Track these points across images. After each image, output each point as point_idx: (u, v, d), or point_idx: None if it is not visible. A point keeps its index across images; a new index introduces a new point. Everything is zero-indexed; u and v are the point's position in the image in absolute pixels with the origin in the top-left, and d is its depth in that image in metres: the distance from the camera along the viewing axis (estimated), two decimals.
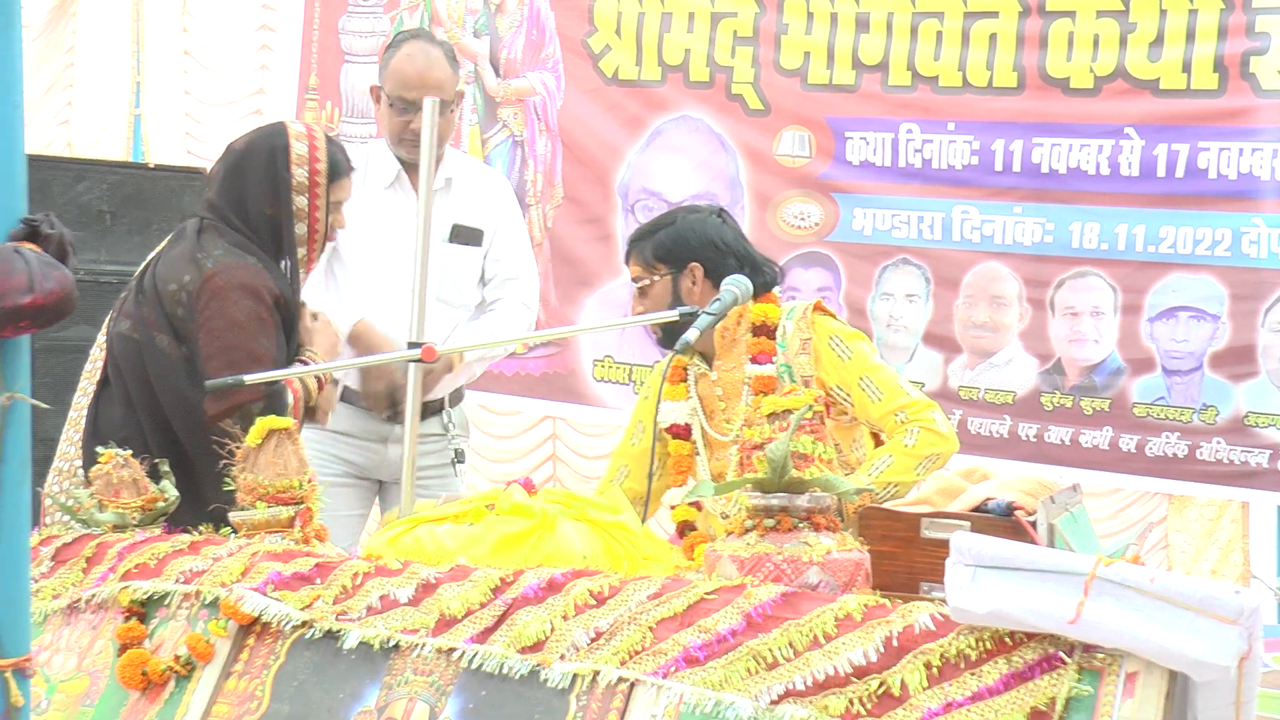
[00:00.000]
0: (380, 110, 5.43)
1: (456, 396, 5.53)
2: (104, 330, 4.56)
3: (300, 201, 4.54)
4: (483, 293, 5.54)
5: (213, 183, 4.61)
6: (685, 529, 4.38)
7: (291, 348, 4.53)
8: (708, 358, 4.49)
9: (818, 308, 4.42)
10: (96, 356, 4.55)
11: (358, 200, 5.02)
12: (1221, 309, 6.15)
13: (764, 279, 4.43)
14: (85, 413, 4.48)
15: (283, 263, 4.54)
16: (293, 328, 4.52)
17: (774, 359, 4.33)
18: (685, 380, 4.51)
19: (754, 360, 4.35)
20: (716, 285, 4.37)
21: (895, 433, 4.22)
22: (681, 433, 4.49)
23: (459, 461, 5.40)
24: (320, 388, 4.56)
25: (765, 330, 4.36)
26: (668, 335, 4.43)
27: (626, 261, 4.60)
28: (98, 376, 4.52)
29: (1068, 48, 6.30)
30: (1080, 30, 6.27)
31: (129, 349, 4.43)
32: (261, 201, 4.52)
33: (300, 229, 4.55)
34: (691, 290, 4.43)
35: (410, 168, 5.41)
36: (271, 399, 4.28)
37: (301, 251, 4.58)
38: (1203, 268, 6.17)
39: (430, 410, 5.37)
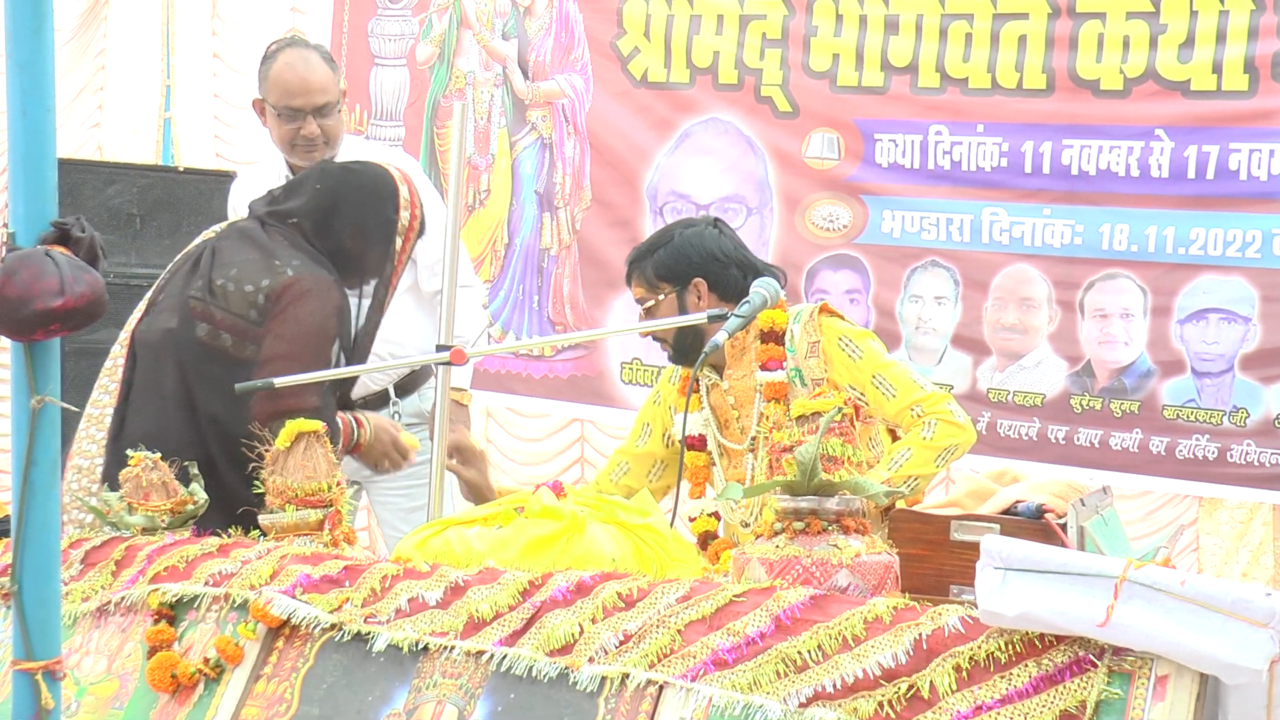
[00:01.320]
0: (268, 121, 5.41)
1: (406, 388, 5.48)
2: (128, 329, 4.56)
3: (396, 244, 4.58)
4: (416, 277, 5.49)
5: (294, 194, 4.62)
6: (706, 540, 4.38)
7: (352, 359, 4.54)
8: (718, 368, 4.49)
9: (824, 309, 4.41)
10: (118, 354, 4.55)
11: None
12: (1252, 311, 6.13)
13: (767, 280, 4.41)
14: (109, 412, 4.47)
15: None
16: (347, 345, 4.53)
17: (784, 364, 4.32)
18: (697, 392, 4.50)
19: (764, 367, 4.33)
20: (722, 298, 4.39)
21: (913, 427, 4.21)
22: (696, 444, 4.50)
23: None
24: (360, 427, 4.57)
25: (773, 336, 4.34)
26: (678, 352, 4.45)
27: (628, 283, 4.58)
28: (119, 375, 4.51)
29: (1098, 49, 6.29)
30: (1110, 31, 6.26)
31: (175, 344, 4.42)
32: (346, 232, 4.54)
33: (387, 268, 4.59)
34: (697, 305, 4.43)
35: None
36: (321, 413, 4.26)
37: (383, 291, 4.62)
38: (1233, 269, 6.15)
39: (375, 404, 5.35)
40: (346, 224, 4.54)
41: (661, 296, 4.45)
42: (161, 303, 4.53)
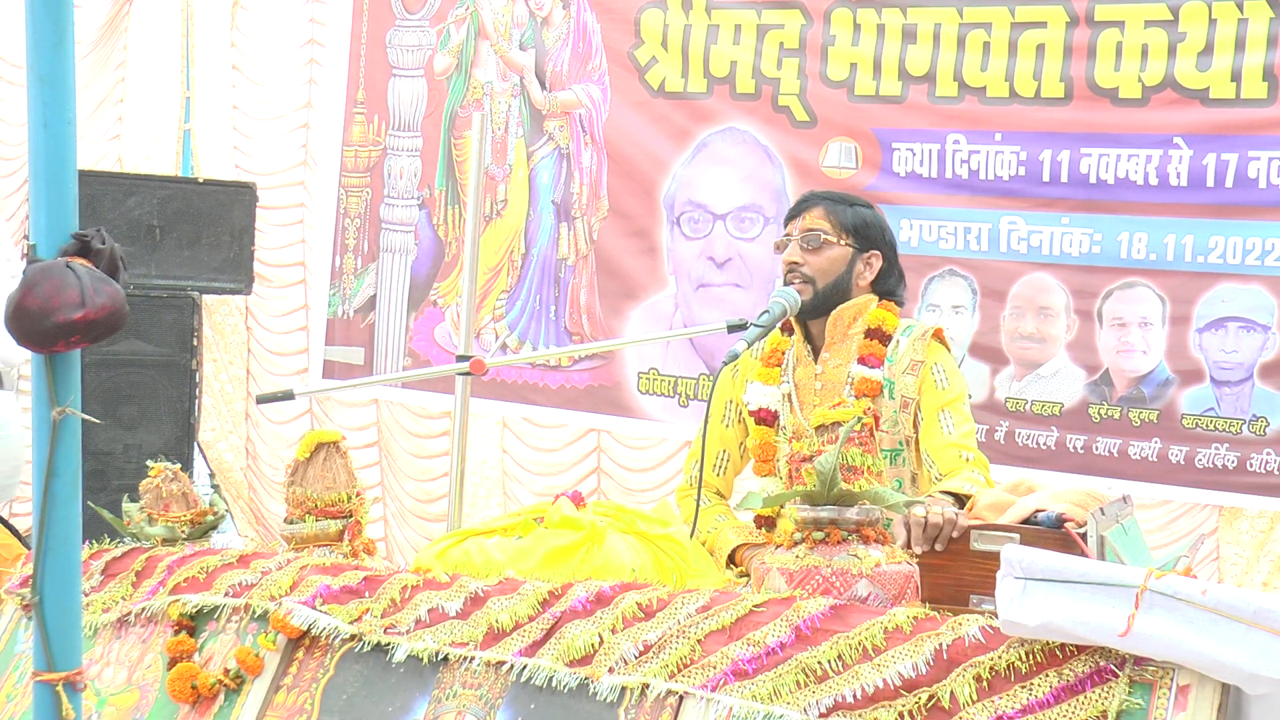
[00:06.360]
0: None
1: None
2: None
3: None
4: None
5: None
6: (761, 525, 4.29)
7: None
8: (816, 347, 4.40)
9: (937, 334, 4.37)
10: None
11: None
12: (1271, 319, 6.12)
13: (901, 287, 4.42)
14: None
15: None
16: None
17: (882, 366, 4.27)
18: (780, 365, 4.42)
19: (862, 361, 4.28)
20: (878, 285, 4.38)
21: (963, 468, 4.13)
22: (767, 419, 4.36)
23: None
24: None
25: (880, 336, 4.30)
26: (820, 297, 4.35)
27: (800, 214, 4.41)
28: None
29: (1116, 58, 6.28)
30: (1129, 40, 6.25)
31: None
32: None
33: None
34: (862, 274, 4.38)
35: None
36: None
37: None
38: (1252, 278, 6.14)
39: None
40: None
41: (842, 244, 4.36)
42: None
